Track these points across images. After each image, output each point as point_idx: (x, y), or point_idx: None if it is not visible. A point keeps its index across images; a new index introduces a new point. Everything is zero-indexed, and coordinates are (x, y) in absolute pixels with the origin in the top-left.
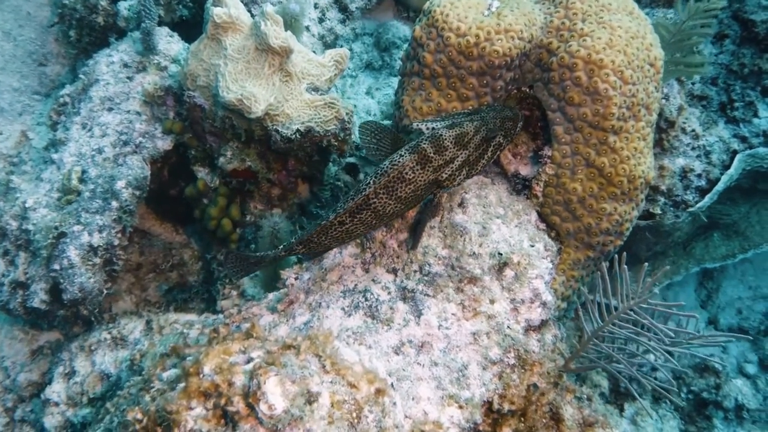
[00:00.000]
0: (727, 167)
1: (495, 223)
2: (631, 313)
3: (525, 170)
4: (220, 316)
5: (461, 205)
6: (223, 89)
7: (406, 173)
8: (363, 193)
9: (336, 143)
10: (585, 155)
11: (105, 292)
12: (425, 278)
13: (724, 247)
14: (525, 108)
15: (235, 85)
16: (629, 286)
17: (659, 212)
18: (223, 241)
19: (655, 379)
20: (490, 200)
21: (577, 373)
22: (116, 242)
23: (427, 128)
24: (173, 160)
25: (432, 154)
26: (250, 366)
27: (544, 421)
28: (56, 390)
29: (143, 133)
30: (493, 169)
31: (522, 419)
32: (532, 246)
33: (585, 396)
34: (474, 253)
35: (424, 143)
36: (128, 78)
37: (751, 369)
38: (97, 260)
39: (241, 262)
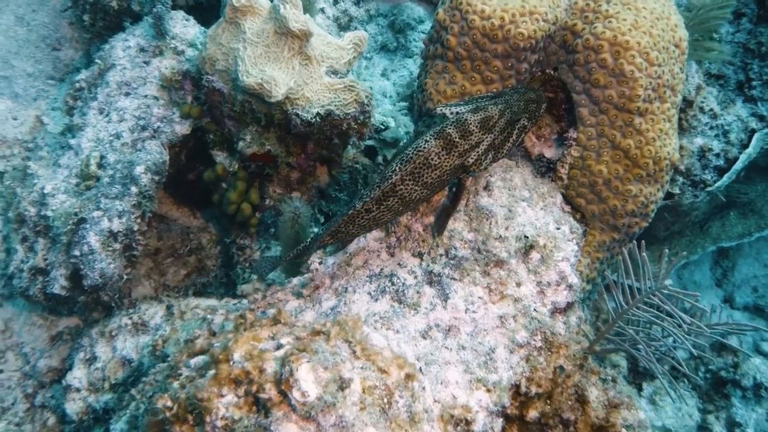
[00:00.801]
0: (745, 146)
1: (520, 205)
2: (654, 297)
3: (549, 152)
4: (244, 301)
5: (486, 188)
6: (243, 73)
7: (432, 159)
8: (390, 181)
9: (356, 126)
10: (610, 137)
11: (125, 277)
12: (451, 262)
13: (740, 226)
14: (549, 90)
15: (255, 69)
16: (650, 271)
17: (678, 192)
18: (242, 225)
19: (673, 359)
20: (515, 183)
21: (600, 355)
22: (136, 227)
23: (451, 113)
24: (191, 144)
25: (457, 139)
26: (281, 353)
27: (569, 403)
28: (77, 376)
29: (161, 118)
30: (517, 152)
31: (548, 401)
32: (558, 228)
33: (610, 377)
34: (500, 236)
35: (449, 128)
36: (145, 62)
37: (767, 347)
38: (117, 246)
39: (272, 263)
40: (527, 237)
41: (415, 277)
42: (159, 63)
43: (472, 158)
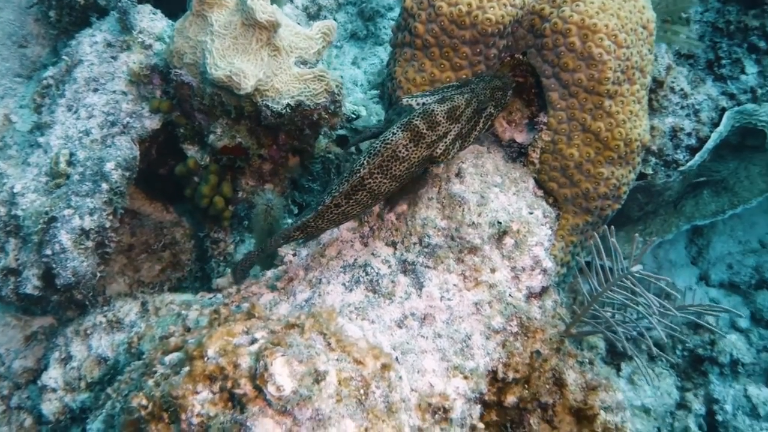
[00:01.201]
0: (716, 125)
1: (493, 191)
2: (626, 281)
3: (520, 137)
4: (219, 296)
5: (458, 175)
6: (211, 66)
7: (400, 151)
8: (357, 175)
9: (326, 116)
10: (581, 120)
11: (98, 275)
12: (425, 250)
13: (714, 204)
14: (519, 75)
15: (223, 62)
16: (621, 256)
17: (651, 172)
18: (215, 219)
19: (644, 340)
20: (487, 169)
21: (577, 338)
22: (108, 224)
23: (418, 104)
24: (161, 138)
25: (425, 130)
26: (255, 347)
27: (547, 387)
28: (53, 376)
29: (130, 113)
30: (488, 138)
31: (526, 386)
32: (531, 213)
33: (587, 360)
34: (473, 222)
35: (416, 119)
36: (112, 57)
37: (743, 323)
38: (89, 243)
39: (247, 266)
40: (500, 223)
41: (389, 267)
42: (127, 58)
43: (440, 149)
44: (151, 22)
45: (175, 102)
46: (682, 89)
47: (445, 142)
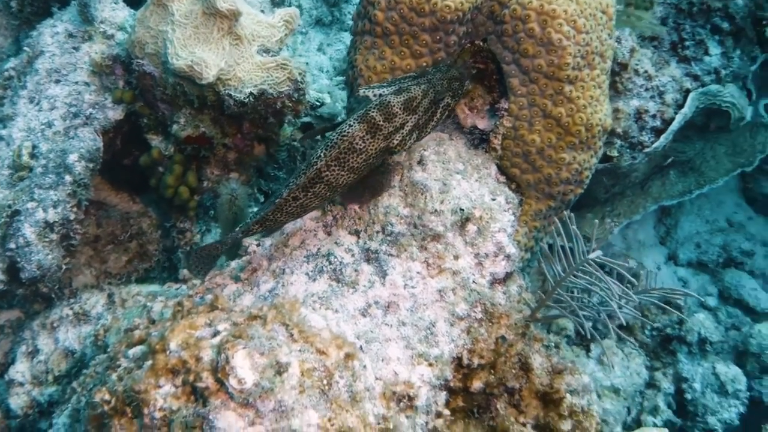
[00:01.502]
0: (680, 106)
1: (455, 178)
2: (587, 266)
3: (482, 124)
4: (184, 287)
5: (420, 162)
6: (173, 56)
7: (357, 143)
8: (314, 167)
9: (290, 104)
10: (542, 106)
11: (64, 267)
12: (388, 238)
13: (680, 184)
14: (479, 61)
15: (185, 51)
16: (583, 242)
17: (616, 155)
18: (181, 209)
19: (605, 321)
20: (449, 156)
21: (543, 322)
22: (72, 217)
23: (375, 95)
24: (125, 129)
25: (381, 122)
26: (217, 340)
27: (513, 371)
28: (20, 370)
29: (93, 104)
30: (450, 125)
31: (492, 371)
32: (494, 200)
33: (553, 344)
34: (436, 210)
35: (373, 111)
36: (74, 48)
37: (711, 301)
38: (54, 236)
39: (203, 257)
40: (463, 210)
41: (353, 255)
42: (89, 48)
43: (396, 140)
44: (112, 11)
45: (137, 92)
46: (646, 71)
47: (402, 133)
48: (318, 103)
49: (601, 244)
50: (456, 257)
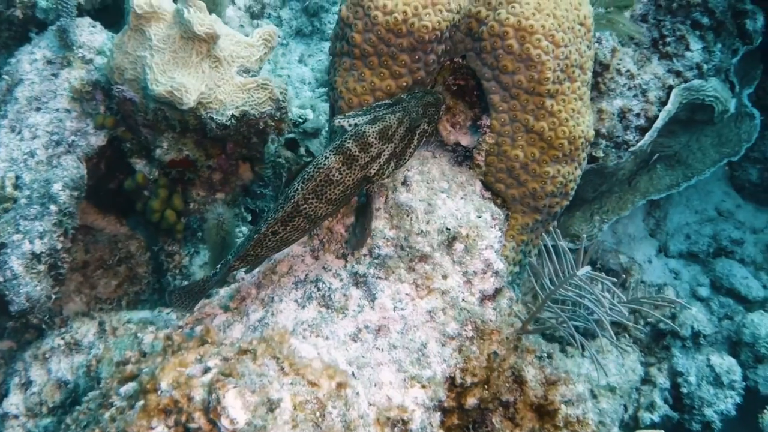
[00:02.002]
0: (664, 103)
1: (440, 198)
2: (576, 279)
3: (465, 140)
4: (174, 316)
5: (405, 183)
6: (152, 82)
7: (333, 175)
8: (292, 201)
9: (273, 123)
10: (524, 121)
11: (53, 297)
12: (375, 261)
13: (668, 178)
14: (459, 78)
15: (164, 77)
16: (571, 258)
17: (602, 155)
18: (168, 232)
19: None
20: (433, 175)
21: (534, 334)
22: (59, 246)
23: (350, 125)
24: (109, 153)
25: (357, 153)
26: (208, 377)
27: (507, 385)
28: (14, 402)
29: (75, 131)
30: (433, 142)
31: (486, 387)
32: (479, 217)
33: (545, 354)
34: (422, 231)
35: (348, 142)
36: (53, 75)
37: (704, 292)
38: (42, 267)
39: (185, 295)
40: (449, 229)
41: (341, 280)
42: (68, 74)
43: (374, 169)
44: (90, 35)
45: (119, 117)
46: (628, 70)
47: (379, 163)
48: (301, 120)
49: (590, 255)
50: (444, 277)
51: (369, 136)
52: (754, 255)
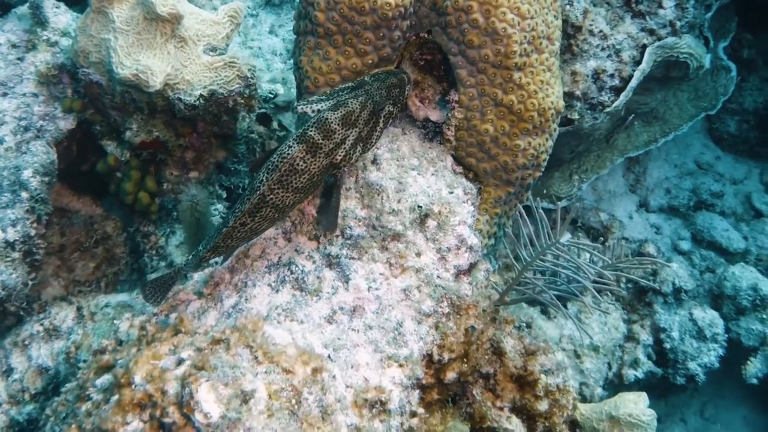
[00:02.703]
0: (638, 63)
1: (411, 175)
2: (554, 249)
3: (435, 115)
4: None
5: (374, 162)
6: (117, 65)
7: (298, 164)
8: (258, 192)
9: (242, 101)
10: (492, 95)
11: (30, 283)
12: (348, 242)
13: (645, 134)
14: (426, 53)
15: (129, 60)
16: (548, 226)
17: (577, 117)
18: (143, 214)
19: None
20: (403, 152)
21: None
22: (33, 233)
23: (313, 111)
24: (79, 135)
25: (320, 140)
26: (181, 370)
27: (486, 357)
28: None
29: (43, 116)
30: (403, 118)
31: (465, 360)
32: (451, 192)
33: (524, 324)
34: (393, 209)
35: (311, 130)
36: (19, 59)
37: (685, 245)
38: (16, 255)
39: (158, 287)
40: (421, 206)
41: (314, 262)
42: (33, 58)
43: (339, 155)
44: (54, 17)
45: (86, 100)
46: (601, 31)
47: (345, 148)
48: (271, 95)
49: (568, 221)
50: (418, 254)
51: (331, 122)
52: (735, 206)
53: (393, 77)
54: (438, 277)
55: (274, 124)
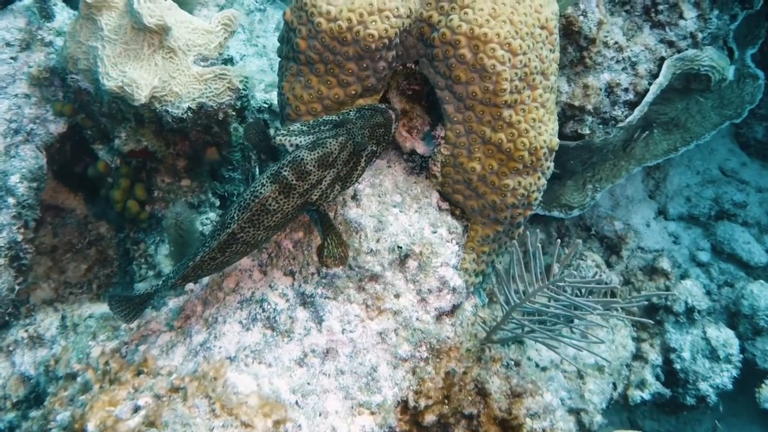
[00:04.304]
0: (655, 76)
1: (392, 213)
2: (547, 290)
3: (421, 148)
4: (122, 330)
5: (354, 197)
6: (103, 76)
7: (270, 204)
8: (228, 230)
9: (233, 113)
10: (480, 133)
11: (17, 288)
12: (323, 281)
13: (665, 143)
14: (414, 83)
15: (115, 71)
16: (542, 263)
17: (588, 132)
18: (133, 221)
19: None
20: (386, 187)
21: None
22: (20, 238)
23: (291, 144)
24: (72, 138)
25: (294, 182)
26: (135, 421)
27: (470, 398)
28: None
29: (34, 119)
30: (389, 149)
31: (446, 402)
32: (434, 232)
33: (513, 362)
34: (371, 249)
35: (285, 170)
36: (12, 58)
37: (704, 257)
38: (2, 260)
39: (127, 304)
40: (401, 247)
41: (287, 300)
42: (27, 57)
43: (315, 195)
44: (61, 11)
45: (77, 106)
46: (616, 42)
47: (321, 188)
48: (266, 105)
49: (567, 260)
50: (397, 296)
51: (307, 164)
52: (759, 216)
53: (379, 116)
54: (417, 319)
55: (271, 132)
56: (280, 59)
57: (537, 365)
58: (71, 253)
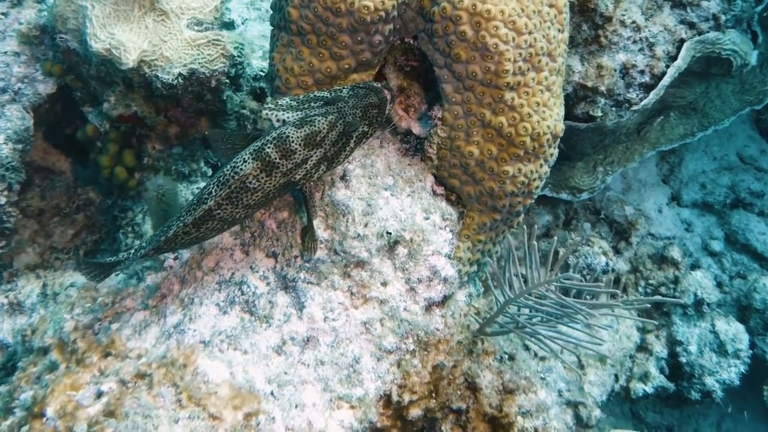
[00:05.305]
0: (673, 58)
1: (382, 196)
2: (542, 290)
3: (417, 129)
4: (98, 305)
5: (344, 178)
6: (91, 37)
7: (250, 182)
8: (204, 206)
9: (227, 81)
10: (479, 116)
11: None
12: (306, 265)
13: (681, 127)
14: (412, 59)
15: (103, 33)
16: (538, 261)
17: (600, 114)
18: (121, 188)
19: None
20: (377, 169)
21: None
22: (3, 201)
23: (278, 119)
24: (63, 98)
25: (278, 160)
26: (96, 408)
27: (459, 392)
28: None
29: (22, 78)
30: (384, 127)
31: (433, 396)
32: (427, 218)
33: (507, 356)
34: (358, 235)
35: (269, 147)
36: (2, 14)
37: (717, 246)
38: None
39: (97, 268)
40: (390, 233)
41: (268, 284)
42: (18, 14)
43: (299, 175)
44: None
45: (65, 66)
46: (634, 22)
47: (306, 168)
48: (262, 73)
49: (565, 258)
50: (384, 284)
51: (292, 142)
52: None
53: (373, 95)
54: (405, 309)
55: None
56: (272, 29)
57: (535, 354)
58: (59, 217)
